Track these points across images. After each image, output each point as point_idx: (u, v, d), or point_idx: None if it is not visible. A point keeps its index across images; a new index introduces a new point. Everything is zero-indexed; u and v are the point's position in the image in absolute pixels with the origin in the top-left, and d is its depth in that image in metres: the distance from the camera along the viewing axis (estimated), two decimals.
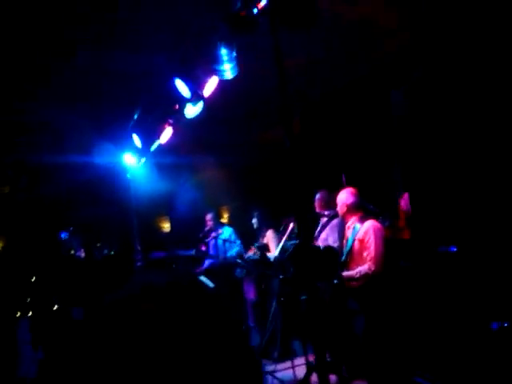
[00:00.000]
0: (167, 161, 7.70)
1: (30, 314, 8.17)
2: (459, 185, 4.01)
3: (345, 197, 3.86)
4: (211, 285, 6.69)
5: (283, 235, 5.29)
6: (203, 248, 7.36)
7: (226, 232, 6.93)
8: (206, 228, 7.11)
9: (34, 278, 8.89)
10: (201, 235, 7.23)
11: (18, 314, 8.25)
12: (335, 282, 3.40)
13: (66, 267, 8.24)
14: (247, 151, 8.18)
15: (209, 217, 7.13)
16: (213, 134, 6.66)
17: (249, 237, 6.86)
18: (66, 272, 8.19)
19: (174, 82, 5.13)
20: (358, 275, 3.47)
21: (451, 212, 3.91)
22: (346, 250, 3.64)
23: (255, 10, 3.83)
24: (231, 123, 6.45)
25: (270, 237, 6.06)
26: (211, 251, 7.17)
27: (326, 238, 4.67)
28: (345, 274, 3.51)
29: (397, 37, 4.84)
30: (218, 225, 7.17)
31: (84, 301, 7.99)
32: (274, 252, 5.67)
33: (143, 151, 7.14)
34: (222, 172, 8.44)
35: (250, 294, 6.28)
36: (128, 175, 8.40)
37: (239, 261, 6.13)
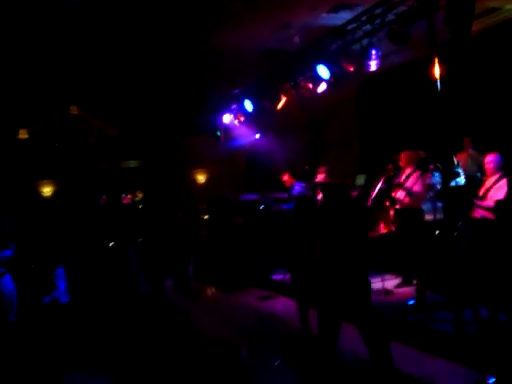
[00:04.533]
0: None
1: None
2: None
3: (494, 159, 5.25)
4: None
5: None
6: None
7: (299, 187, 8.72)
8: (286, 185, 8.92)
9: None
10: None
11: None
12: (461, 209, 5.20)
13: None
14: None
15: (286, 177, 8.86)
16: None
17: None
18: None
19: (315, 66, 7.06)
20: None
21: None
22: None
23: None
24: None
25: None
26: None
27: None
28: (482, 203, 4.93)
29: None
30: (294, 182, 8.89)
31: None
32: None
33: (248, 112, 9.06)
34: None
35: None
36: (217, 132, 10.30)
37: None
